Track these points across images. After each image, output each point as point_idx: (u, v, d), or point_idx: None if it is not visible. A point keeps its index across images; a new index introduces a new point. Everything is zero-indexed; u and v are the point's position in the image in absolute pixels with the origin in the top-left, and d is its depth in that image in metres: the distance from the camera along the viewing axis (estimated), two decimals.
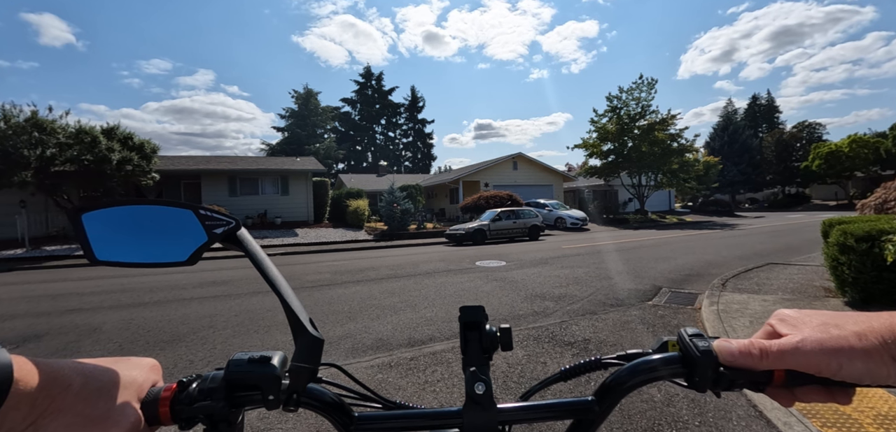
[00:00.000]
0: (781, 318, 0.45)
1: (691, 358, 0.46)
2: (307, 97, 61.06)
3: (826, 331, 0.40)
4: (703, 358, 0.45)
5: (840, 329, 0.40)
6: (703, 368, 0.45)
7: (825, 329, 0.40)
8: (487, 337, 0.52)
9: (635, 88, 28.88)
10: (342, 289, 7.37)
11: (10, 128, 14.62)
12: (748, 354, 0.43)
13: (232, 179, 23.60)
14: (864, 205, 8.69)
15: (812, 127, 51.57)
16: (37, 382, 0.36)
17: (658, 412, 2.80)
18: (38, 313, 6.22)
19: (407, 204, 21.48)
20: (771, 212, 39.78)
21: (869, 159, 39.33)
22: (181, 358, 4.15)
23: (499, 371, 3.60)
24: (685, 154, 29.31)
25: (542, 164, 34.27)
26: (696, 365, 0.45)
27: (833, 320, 0.41)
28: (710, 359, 0.45)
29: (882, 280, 4.51)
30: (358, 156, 63.24)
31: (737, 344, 0.44)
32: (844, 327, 0.40)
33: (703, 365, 0.45)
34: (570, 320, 5.09)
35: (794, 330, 0.42)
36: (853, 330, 0.39)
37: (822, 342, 0.39)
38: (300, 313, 0.47)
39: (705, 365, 0.45)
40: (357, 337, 4.64)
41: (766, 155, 50.25)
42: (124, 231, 0.49)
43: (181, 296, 7.05)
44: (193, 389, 0.45)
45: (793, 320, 0.44)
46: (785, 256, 9.50)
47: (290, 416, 2.80)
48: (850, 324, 0.40)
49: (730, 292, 6.03)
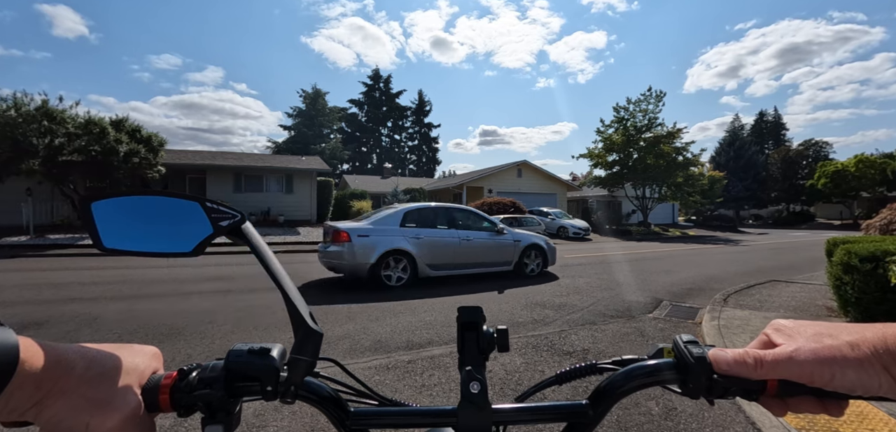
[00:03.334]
0: (777, 328, 0.46)
1: (685, 365, 0.46)
2: (315, 97, 61.39)
3: (820, 341, 0.41)
4: (697, 364, 0.45)
5: (834, 339, 0.40)
6: (697, 375, 0.45)
7: (819, 339, 0.41)
8: (484, 337, 0.53)
9: (643, 100, 28.89)
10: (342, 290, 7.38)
11: (20, 116, 14.77)
12: (743, 363, 0.43)
13: (237, 176, 23.70)
14: (869, 225, 8.62)
15: (818, 145, 51.33)
16: (42, 363, 0.37)
17: (655, 426, 2.79)
18: (40, 301, 6.25)
19: None
20: (775, 229, 39.55)
21: (875, 179, 39.10)
22: (180, 352, 4.17)
23: (497, 377, 3.60)
24: (690, 168, 29.23)
25: (546, 173, 34.28)
26: (690, 372, 0.46)
27: (827, 330, 0.42)
28: (704, 366, 0.45)
29: (885, 300, 4.47)
30: (363, 158, 63.44)
31: (732, 352, 0.45)
32: (838, 337, 0.40)
33: (696, 372, 0.45)
34: (570, 330, 5.07)
35: (789, 340, 0.43)
36: (846, 340, 0.39)
37: (816, 351, 0.40)
38: (301, 307, 0.48)
39: (699, 372, 0.45)
40: (355, 338, 4.64)
41: (771, 171, 50.06)
42: (131, 220, 0.50)
43: (182, 290, 7.08)
44: (193, 378, 0.45)
45: (788, 330, 0.44)
46: (788, 274, 9.44)
47: (286, 413, 2.80)
48: (845, 334, 0.40)
49: (731, 308, 6.00)
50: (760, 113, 63.12)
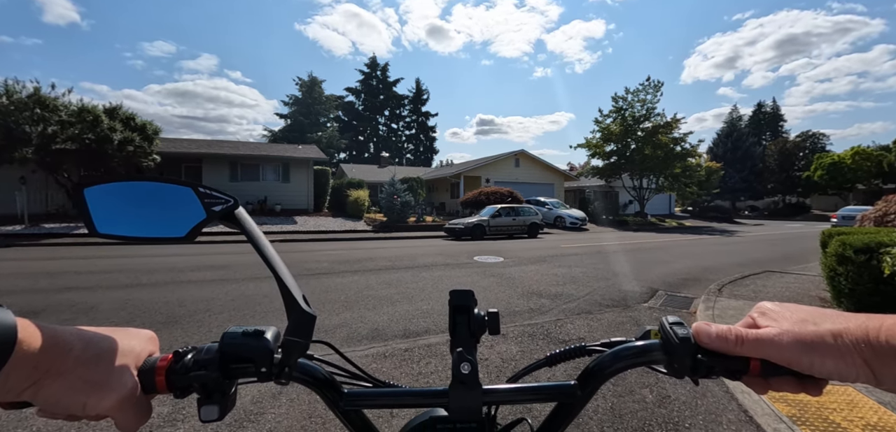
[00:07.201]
0: (762, 311, 0.47)
1: (671, 346, 0.47)
2: (311, 85, 60.85)
3: (803, 327, 0.41)
4: (682, 345, 0.47)
5: (816, 326, 0.41)
6: (682, 355, 0.47)
7: (803, 325, 0.41)
8: (476, 320, 0.54)
9: (641, 90, 28.82)
10: (339, 278, 7.40)
11: (12, 103, 14.60)
12: (725, 339, 0.45)
13: (233, 164, 23.60)
14: (864, 217, 8.68)
15: (815, 137, 51.43)
16: (39, 344, 0.37)
17: (649, 413, 2.83)
18: (36, 290, 6.24)
19: (407, 196, 21.49)
20: (771, 220, 39.77)
21: (871, 172, 39.29)
22: (177, 340, 4.18)
23: (492, 365, 3.63)
24: (688, 158, 29.27)
25: (543, 162, 34.26)
26: (675, 352, 0.47)
27: (811, 316, 0.42)
28: (689, 347, 0.47)
29: (878, 292, 4.52)
30: (360, 147, 63.11)
31: (715, 328, 0.46)
32: (821, 325, 0.41)
33: (681, 352, 0.47)
34: (566, 319, 5.11)
35: (774, 322, 0.44)
36: (829, 329, 0.40)
37: (798, 337, 0.40)
38: (294, 290, 0.49)
39: (684, 353, 0.46)
40: (352, 327, 4.66)
41: (768, 163, 50.16)
42: (125, 206, 0.50)
43: (178, 279, 7.07)
44: (188, 360, 0.46)
45: (773, 313, 0.45)
46: (782, 265, 9.52)
47: (283, 401, 2.82)
48: (827, 322, 0.41)
49: (726, 298, 6.06)
50: (759, 104, 63.14)
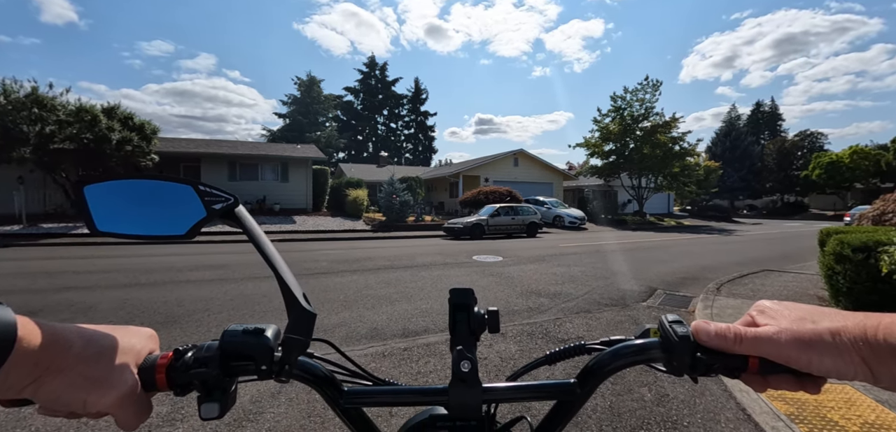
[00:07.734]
0: (761, 309, 0.47)
1: (670, 344, 0.47)
2: (310, 84, 60.77)
3: (801, 325, 0.41)
4: (681, 343, 0.47)
5: (815, 324, 0.41)
6: (681, 353, 0.47)
7: (801, 323, 0.42)
8: (475, 318, 0.54)
9: (640, 89, 28.84)
10: (338, 278, 7.39)
11: (9, 103, 14.56)
12: (724, 337, 0.45)
13: (232, 164, 23.57)
14: (862, 216, 8.70)
15: (813, 136, 51.52)
16: (39, 342, 0.37)
17: (648, 411, 2.83)
18: (34, 290, 6.23)
19: (406, 196, 21.48)
20: (769, 219, 39.84)
21: (869, 171, 39.40)
22: (176, 339, 4.17)
23: (491, 364, 3.63)
24: (686, 158, 29.30)
25: (542, 162, 34.25)
26: (674, 350, 0.47)
27: (809, 315, 0.43)
28: (687, 345, 0.46)
29: (876, 290, 4.53)
30: (359, 146, 63.05)
31: (714, 326, 0.46)
32: (819, 323, 0.41)
33: (680, 350, 0.47)
34: (565, 318, 5.12)
35: (772, 320, 0.44)
36: (827, 327, 0.40)
37: (796, 335, 0.41)
38: (294, 287, 0.49)
39: (683, 351, 0.46)
40: (351, 326, 4.66)
41: (766, 162, 50.23)
42: (125, 204, 0.50)
43: (177, 278, 7.06)
44: (189, 357, 0.46)
45: (771, 312, 0.46)
46: (780, 264, 9.54)
47: (282, 400, 2.82)
48: (826, 321, 0.41)
49: (724, 297, 6.07)
50: (757, 103, 63.23)
